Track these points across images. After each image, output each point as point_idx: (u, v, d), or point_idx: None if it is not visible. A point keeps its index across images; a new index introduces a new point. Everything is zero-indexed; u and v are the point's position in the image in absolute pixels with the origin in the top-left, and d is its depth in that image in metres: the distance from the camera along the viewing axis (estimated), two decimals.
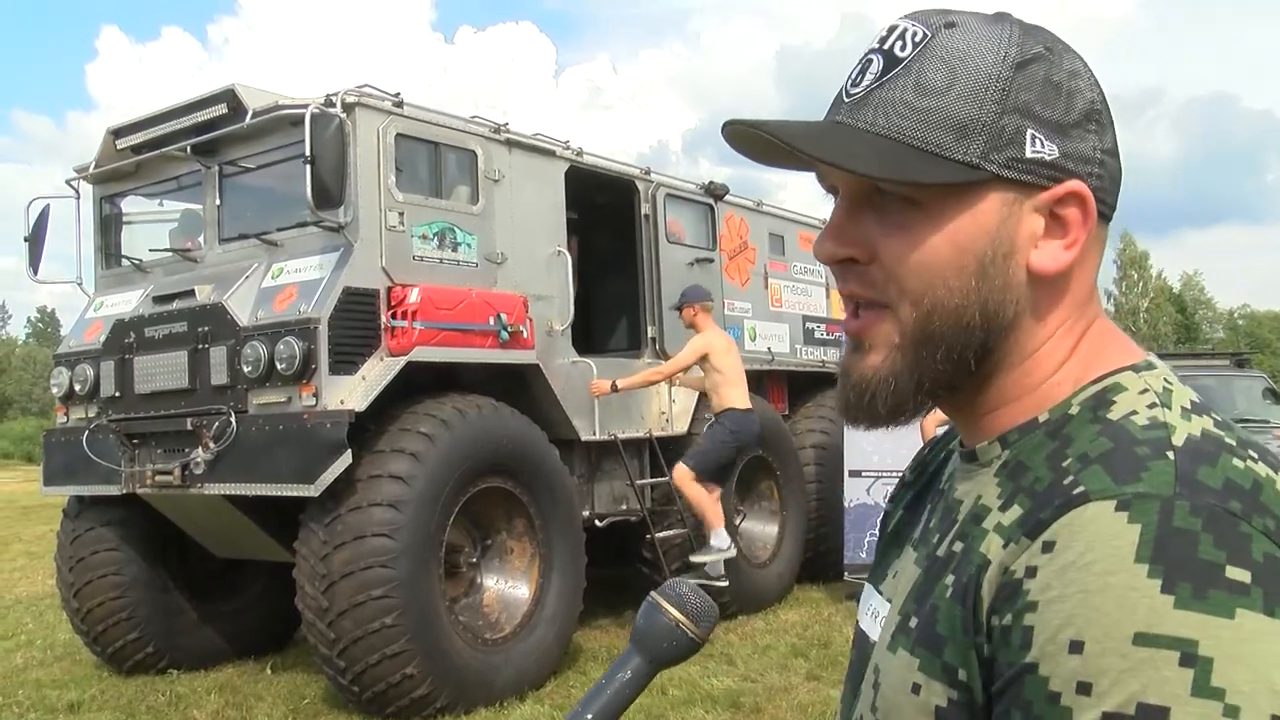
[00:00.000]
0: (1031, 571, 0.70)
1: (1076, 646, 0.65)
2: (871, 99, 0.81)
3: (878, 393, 0.83)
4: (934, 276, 0.80)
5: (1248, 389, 11.01)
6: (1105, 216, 0.83)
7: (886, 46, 0.82)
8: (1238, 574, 0.64)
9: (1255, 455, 0.73)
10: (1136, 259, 56.19)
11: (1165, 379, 0.81)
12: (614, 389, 6.81)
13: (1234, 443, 0.74)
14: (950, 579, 0.78)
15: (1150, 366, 0.82)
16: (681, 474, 7.03)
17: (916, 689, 0.78)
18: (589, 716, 0.96)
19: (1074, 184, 0.79)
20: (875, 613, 0.95)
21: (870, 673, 0.87)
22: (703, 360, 7.08)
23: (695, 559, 7.07)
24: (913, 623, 0.81)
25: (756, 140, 0.83)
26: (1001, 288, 0.80)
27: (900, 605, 0.86)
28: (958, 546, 0.81)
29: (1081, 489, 0.71)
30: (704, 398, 7.45)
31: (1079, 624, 0.66)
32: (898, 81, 0.80)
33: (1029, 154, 0.79)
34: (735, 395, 7.11)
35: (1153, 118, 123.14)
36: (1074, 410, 0.80)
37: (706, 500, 7.03)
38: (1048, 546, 0.70)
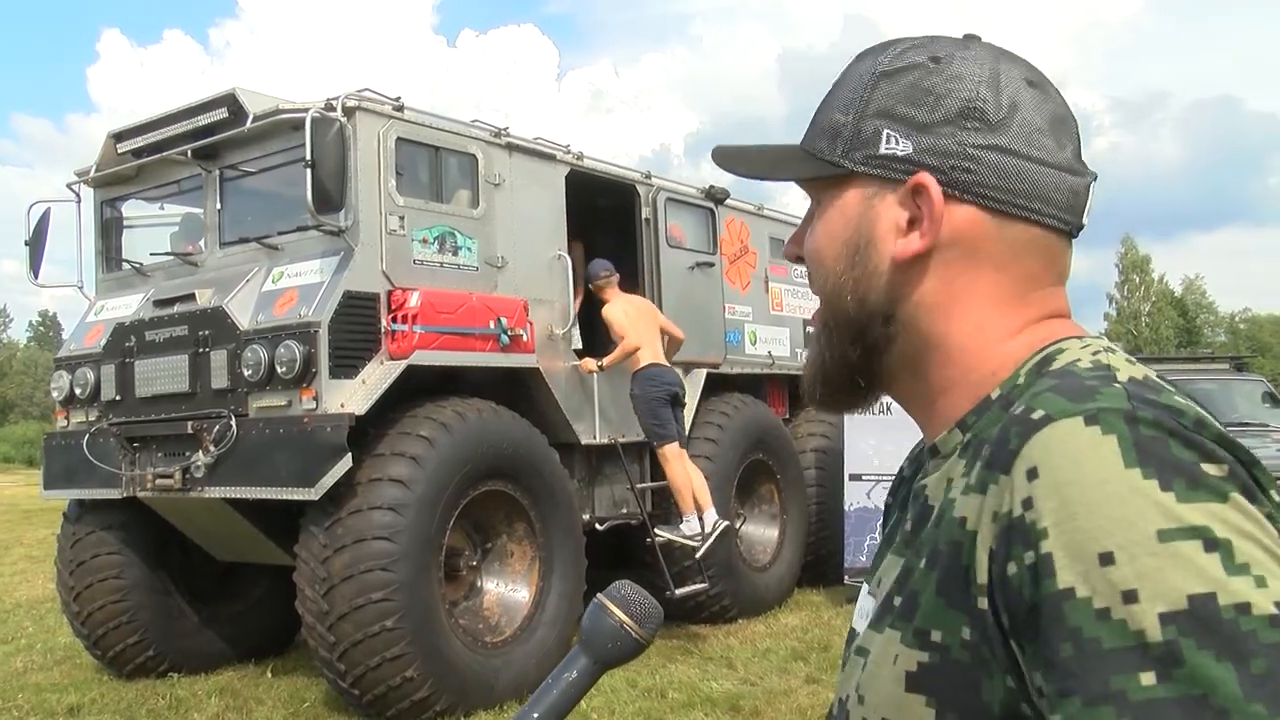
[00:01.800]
0: (1028, 503, 0.70)
1: (1107, 558, 0.66)
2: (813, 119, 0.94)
3: (816, 378, 0.95)
4: (822, 262, 0.92)
5: (1248, 393, 11.01)
6: (1014, 216, 0.86)
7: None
8: (1212, 469, 0.68)
9: (1196, 402, 0.77)
10: (1138, 263, 56.22)
11: (1108, 344, 0.84)
12: (600, 369, 6.91)
13: (1173, 389, 0.77)
14: (928, 551, 0.81)
15: (1098, 337, 0.87)
16: (662, 453, 7.03)
17: (895, 659, 0.81)
18: (536, 715, 0.97)
19: (920, 176, 0.85)
20: (865, 611, 0.97)
21: (856, 656, 0.90)
22: (610, 331, 7.06)
23: (658, 533, 7.03)
24: (895, 602, 0.84)
25: (743, 161, 0.98)
26: (869, 274, 0.88)
27: (884, 595, 0.89)
28: (933, 520, 0.84)
29: (1041, 413, 0.73)
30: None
31: (1100, 537, 0.67)
32: (822, 103, 0.94)
33: (882, 151, 0.87)
34: (639, 356, 7.01)
35: (1158, 120, 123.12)
36: (1020, 380, 0.83)
37: (684, 481, 7.01)
38: (1032, 474, 0.71)
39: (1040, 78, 0.89)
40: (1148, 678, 0.63)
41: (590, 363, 6.95)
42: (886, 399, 0.96)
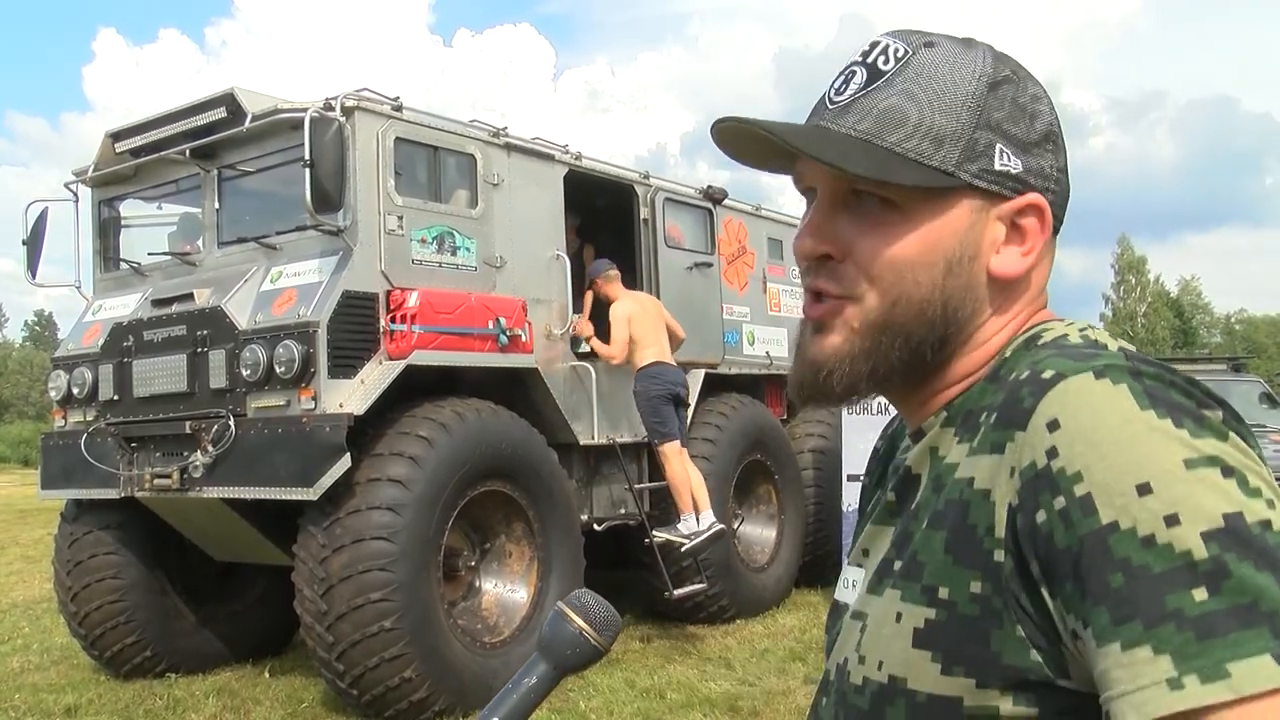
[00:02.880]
0: (1053, 452, 0.73)
1: (1145, 489, 0.69)
2: (855, 106, 0.88)
3: (834, 371, 0.90)
4: (905, 271, 0.87)
5: (1244, 393, 11.03)
6: (1055, 229, 0.92)
7: (869, 60, 0.90)
8: (1210, 413, 0.73)
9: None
10: (1134, 264, 56.29)
11: (1091, 324, 0.89)
12: (585, 339, 7.01)
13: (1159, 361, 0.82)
14: (927, 515, 0.84)
15: (1076, 321, 0.91)
16: (661, 451, 7.04)
17: (899, 617, 0.83)
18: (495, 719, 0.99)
19: (1034, 196, 0.88)
20: (850, 581, 0.99)
21: (852, 620, 0.93)
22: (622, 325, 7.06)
23: (656, 534, 7.04)
24: (895, 566, 0.87)
25: (745, 140, 0.91)
26: (964, 287, 0.88)
27: (877, 563, 0.92)
28: (928, 488, 0.88)
29: (1051, 372, 0.77)
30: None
31: (1135, 470, 0.70)
32: (880, 92, 0.87)
33: (997, 166, 0.87)
34: (643, 354, 7.05)
35: (1154, 120, 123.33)
36: (1007, 354, 0.89)
37: (683, 479, 7.02)
38: (1053, 425, 0.74)
39: None
40: (1200, 593, 0.66)
41: (585, 327, 7.03)
42: (884, 400, 0.98)
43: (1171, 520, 0.68)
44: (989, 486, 0.78)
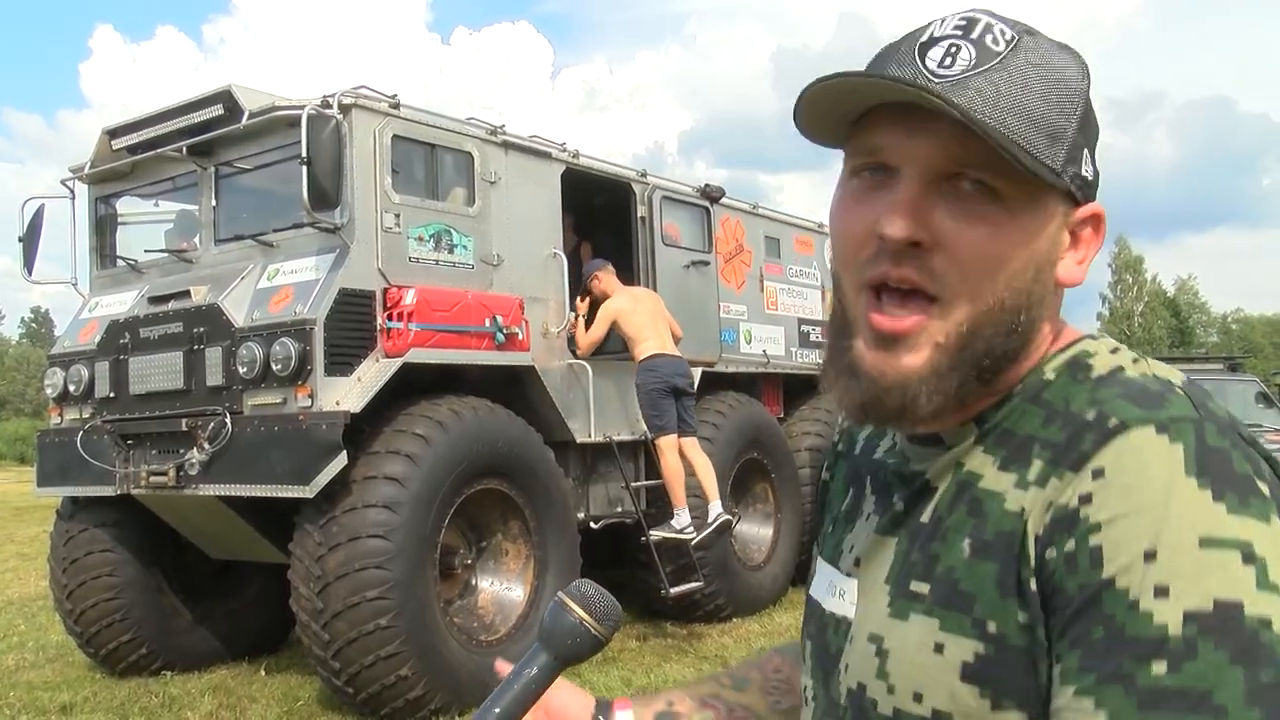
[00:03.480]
0: (1086, 498, 0.74)
1: (1150, 556, 0.70)
2: (971, 84, 0.80)
3: (919, 394, 0.83)
4: (999, 272, 0.81)
5: (1241, 393, 11.05)
6: None
7: (975, 37, 0.82)
8: (1263, 486, 0.72)
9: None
10: (1131, 263, 56.34)
11: (1121, 346, 0.88)
12: (577, 316, 7.09)
13: (1194, 381, 0.83)
14: (966, 542, 0.82)
15: (1103, 336, 0.90)
16: (657, 445, 7.07)
17: (940, 648, 0.81)
18: (496, 711, 0.98)
19: (1097, 206, 0.86)
20: (839, 590, 0.96)
21: (867, 643, 0.89)
22: (617, 327, 7.08)
23: (652, 533, 7.04)
24: (918, 588, 0.84)
25: (831, 98, 0.83)
26: (1043, 292, 0.85)
27: (884, 577, 0.89)
28: (955, 513, 0.84)
29: (1116, 420, 0.76)
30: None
31: (1148, 535, 0.70)
32: (996, 75, 0.80)
33: (1084, 171, 0.84)
34: (643, 347, 7.07)
35: (1151, 121, 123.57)
36: (1049, 375, 0.85)
37: (677, 473, 7.03)
38: (1097, 474, 0.74)
39: None
40: (1159, 666, 0.67)
41: (581, 307, 7.12)
42: None
43: (1160, 591, 0.69)
44: (1028, 518, 0.78)
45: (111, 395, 6.36)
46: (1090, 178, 0.85)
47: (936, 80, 0.81)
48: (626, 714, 1.15)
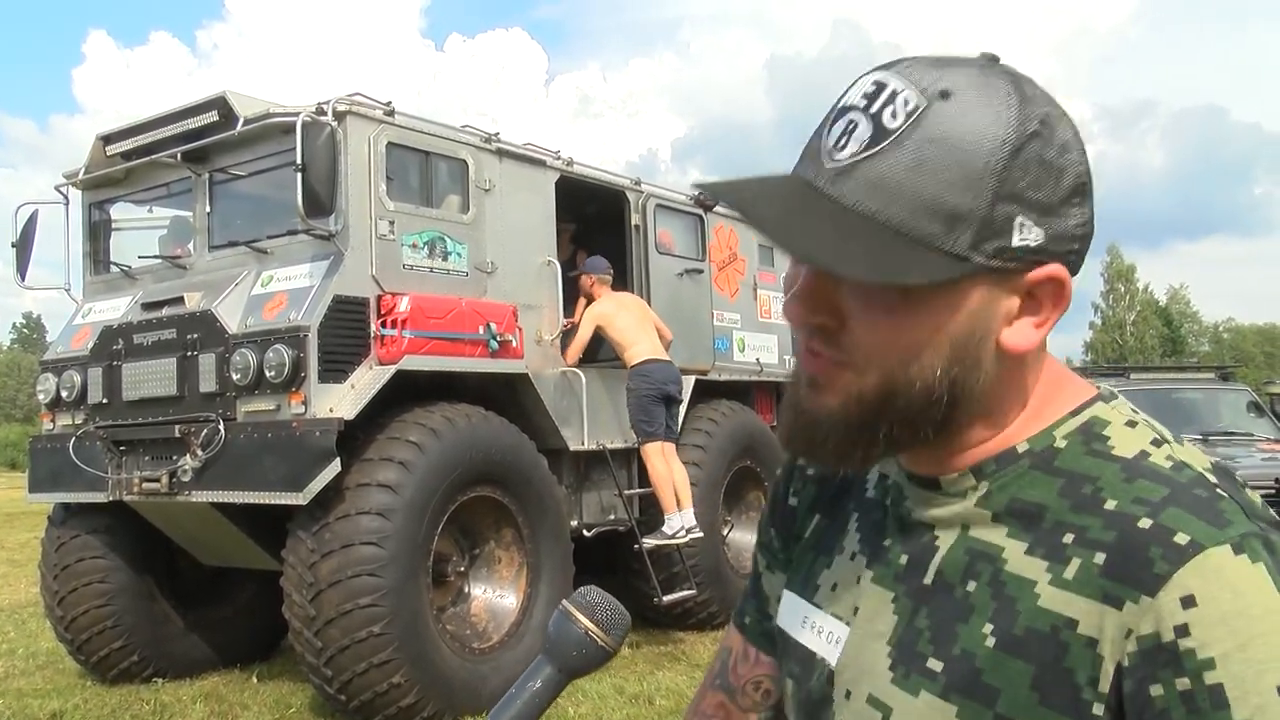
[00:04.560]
0: (1183, 630, 0.70)
1: None
2: (857, 172, 0.77)
3: (829, 436, 0.82)
4: (908, 357, 0.79)
5: (1232, 402, 11.07)
6: (1074, 272, 0.84)
7: (874, 111, 0.77)
8: None
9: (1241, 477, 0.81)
10: (1123, 272, 56.50)
11: (1132, 408, 0.85)
12: (568, 324, 7.11)
13: (1217, 461, 0.81)
14: (989, 628, 0.79)
15: (1114, 396, 0.86)
16: (644, 450, 7.08)
17: None
18: None
19: (1054, 268, 0.79)
20: (818, 629, 0.93)
21: (867, 705, 0.86)
22: (602, 332, 7.10)
23: (646, 541, 7.04)
24: (932, 665, 0.81)
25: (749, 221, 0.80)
26: (972, 366, 0.80)
27: (888, 635, 0.86)
28: (974, 588, 0.81)
29: (1187, 538, 0.72)
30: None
31: (1276, 668, 0.68)
32: (887, 157, 0.76)
33: (1015, 243, 0.77)
34: (633, 351, 7.08)
35: (1144, 130, 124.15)
36: (1059, 444, 0.82)
37: (665, 478, 7.04)
38: (1187, 601, 0.70)
39: None
40: None
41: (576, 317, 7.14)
42: None
43: None
44: (1095, 636, 0.73)
45: (104, 401, 6.35)
46: (1035, 243, 0.77)
47: (828, 165, 0.78)
48: None
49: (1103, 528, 0.76)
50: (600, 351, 8.48)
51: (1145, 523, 0.74)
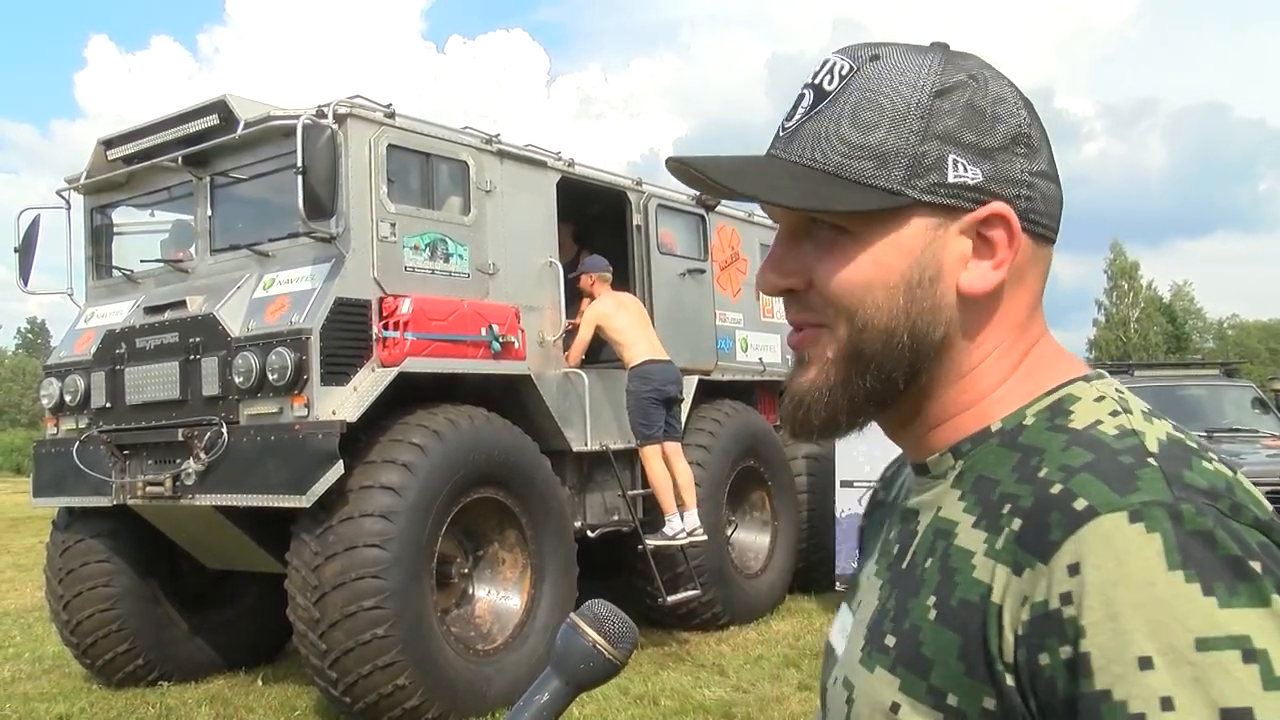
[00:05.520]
0: (1066, 598, 0.69)
1: (1146, 663, 0.66)
2: (801, 132, 0.84)
3: (812, 405, 0.86)
4: (863, 294, 0.82)
5: (1237, 399, 11.04)
6: (1045, 238, 0.86)
7: (816, 81, 0.85)
8: (1254, 565, 0.68)
9: (1214, 456, 0.76)
10: (1127, 269, 56.40)
11: (1117, 388, 0.83)
12: (570, 325, 7.10)
13: (1195, 445, 0.77)
14: (932, 599, 0.79)
15: (1100, 376, 0.85)
16: (642, 453, 7.08)
17: (895, 708, 0.79)
18: None
19: (997, 206, 0.81)
20: (842, 629, 0.96)
21: (840, 687, 0.88)
22: (601, 332, 7.09)
23: (649, 541, 7.05)
24: (888, 640, 0.82)
25: (696, 174, 0.86)
26: (931, 309, 0.82)
27: (867, 619, 0.87)
28: (929, 564, 0.81)
29: (1085, 503, 0.71)
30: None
31: (1141, 640, 0.66)
32: (824, 114, 0.83)
33: (951, 179, 0.81)
34: (633, 352, 7.07)
35: (1146, 128, 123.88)
36: (1028, 420, 0.82)
37: (664, 480, 7.04)
38: (1073, 569, 0.70)
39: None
40: None
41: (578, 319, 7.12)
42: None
43: (1166, 704, 0.65)
44: (1000, 604, 0.74)
45: (108, 405, 6.35)
46: (974, 180, 0.81)
47: (781, 134, 0.86)
48: None
49: (1029, 495, 0.76)
50: (602, 352, 8.48)
51: (1056, 489, 0.74)
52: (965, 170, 0.81)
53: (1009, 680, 0.72)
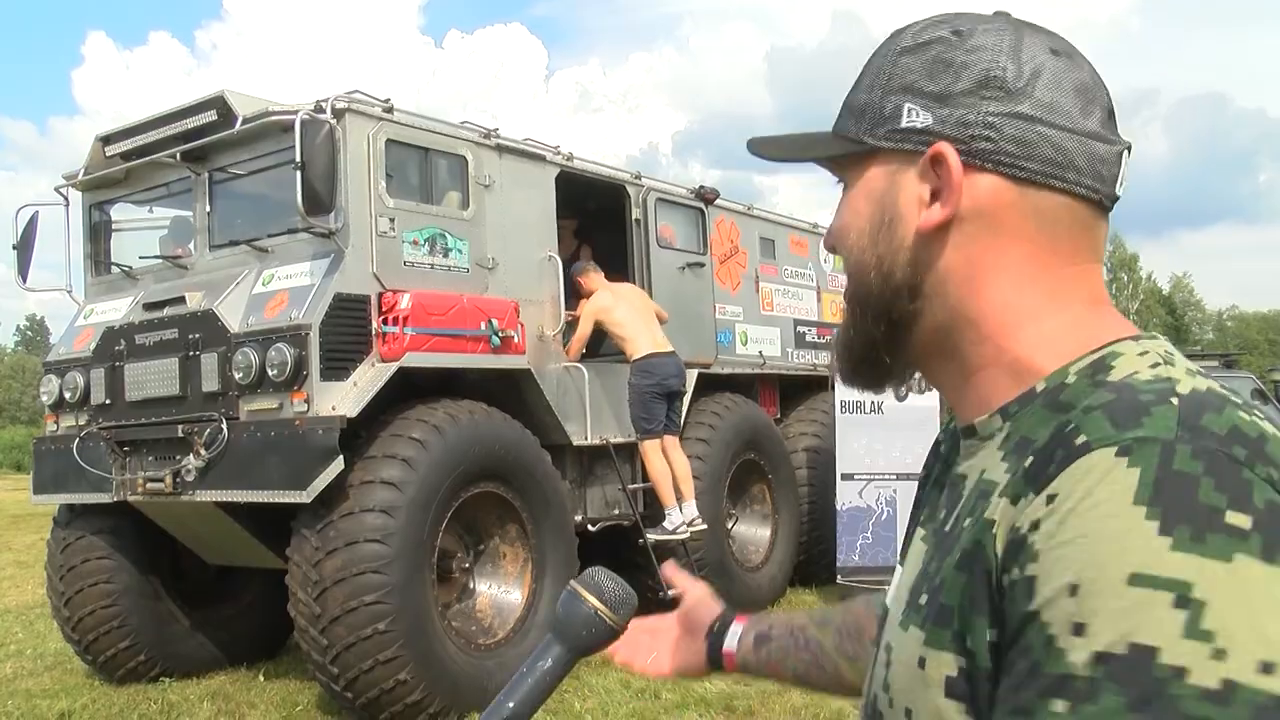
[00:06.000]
0: (1035, 525, 0.70)
1: (1073, 589, 0.66)
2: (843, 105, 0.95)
3: (840, 353, 0.95)
4: (845, 238, 0.92)
5: (1236, 390, 11.06)
6: (1035, 183, 0.84)
7: None
8: (1238, 519, 0.65)
9: (1261, 415, 0.75)
10: (1126, 261, 56.50)
11: (1166, 348, 0.82)
12: (570, 318, 7.09)
13: (1239, 401, 0.75)
14: (957, 552, 0.79)
15: (1153, 338, 0.84)
16: (642, 447, 7.10)
17: (922, 662, 0.79)
18: (510, 705, 0.96)
19: (937, 146, 0.85)
20: (892, 588, 0.97)
21: (883, 651, 0.89)
22: (602, 325, 7.10)
23: (650, 535, 7.07)
24: (922, 599, 0.83)
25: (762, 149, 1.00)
26: (894, 249, 0.88)
27: (910, 583, 0.88)
28: (966, 522, 0.81)
29: (1083, 438, 0.72)
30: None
31: (1076, 568, 0.67)
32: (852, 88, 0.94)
33: (903, 124, 0.87)
34: (635, 345, 7.08)
35: (1146, 118, 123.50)
36: (1070, 379, 0.81)
37: (663, 474, 7.06)
38: (1050, 499, 0.70)
39: (1068, 47, 0.88)
40: (1061, 705, 0.65)
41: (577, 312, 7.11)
42: (877, 399, 0.99)
43: (1078, 629, 0.65)
44: (995, 533, 0.75)
45: (107, 402, 6.35)
46: (922, 124, 0.86)
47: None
48: (738, 628, 1.35)
49: (1045, 435, 0.76)
50: (602, 346, 8.48)
51: (1069, 427, 0.74)
52: (916, 116, 0.87)
53: (1001, 604, 0.73)
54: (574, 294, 7.35)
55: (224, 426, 5.67)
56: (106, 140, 6.68)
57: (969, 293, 0.86)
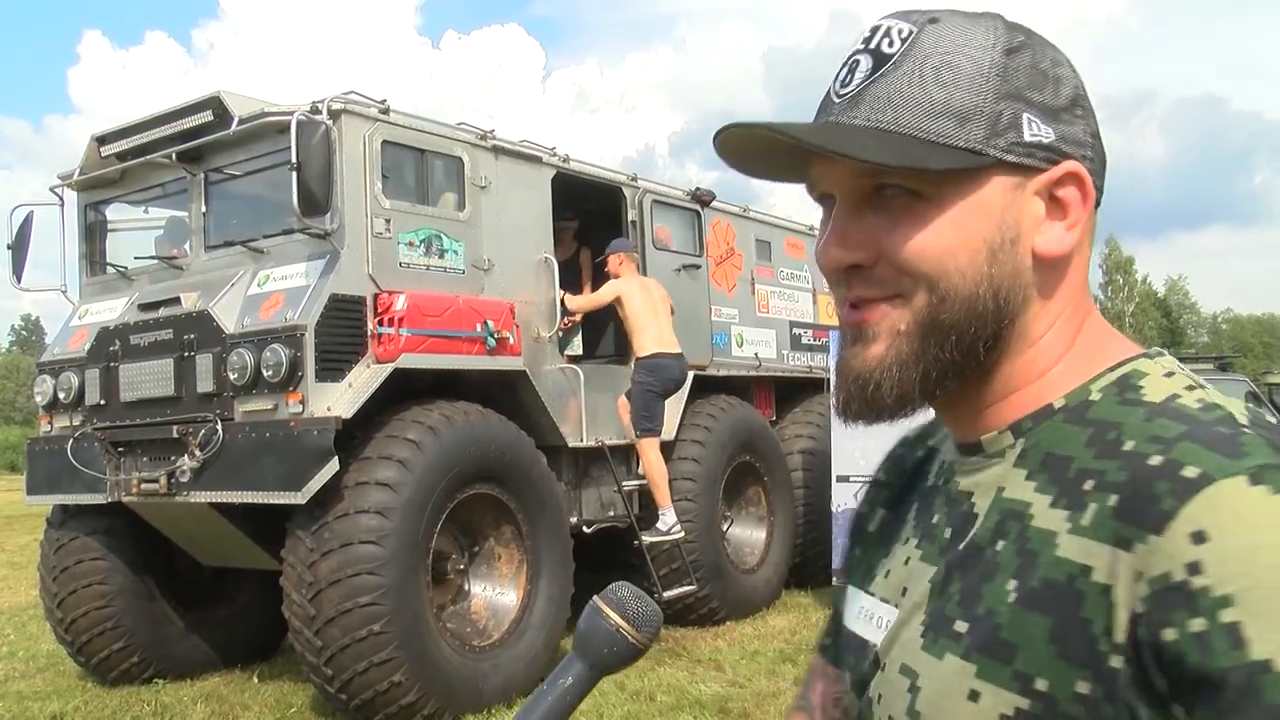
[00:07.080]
0: (1195, 567, 0.66)
1: None
2: (865, 96, 0.82)
3: (882, 383, 0.82)
4: (946, 261, 0.80)
5: (1231, 393, 11.08)
6: (1096, 201, 0.85)
7: (873, 46, 0.83)
8: None
9: None
10: (1122, 263, 56.62)
11: (1179, 366, 0.82)
12: (570, 313, 7.13)
13: (1273, 420, 0.76)
14: (1012, 584, 0.77)
15: (1161, 354, 0.84)
16: (640, 445, 7.13)
17: (975, 696, 0.77)
18: None
19: (1071, 164, 0.81)
20: (870, 615, 0.94)
21: (897, 675, 0.86)
22: (618, 305, 7.19)
23: (645, 537, 7.09)
24: (958, 627, 0.80)
25: (750, 149, 0.84)
26: (1012, 273, 0.81)
27: (922, 604, 0.85)
28: (1001, 547, 0.79)
29: (1197, 470, 0.69)
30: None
31: None
32: (890, 76, 0.81)
33: (1028, 138, 0.80)
34: (643, 341, 7.13)
35: (1143, 119, 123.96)
36: (1095, 396, 0.80)
37: (661, 474, 7.09)
38: (1198, 537, 0.66)
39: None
40: None
41: (570, 301, 7.14)
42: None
43: None
44: (1109, 583, 0.70)
45: (102, 402, 6.34)
46: (1048, 140, 0.80)
47: (838, 100, 0.83)
48: None
49: (1118, 469, 0.73)
50: (599, 347, 8.49)
51: (1156, 460, 0.71)
52: (1039, 129, 0.81)
53: (1113, 662, 0.69)
54: (601, 270, 7.36)
55: (219, 427, 5.66)
56: (102, 140, 6.66)
57: (1045, 315, 0.84)
